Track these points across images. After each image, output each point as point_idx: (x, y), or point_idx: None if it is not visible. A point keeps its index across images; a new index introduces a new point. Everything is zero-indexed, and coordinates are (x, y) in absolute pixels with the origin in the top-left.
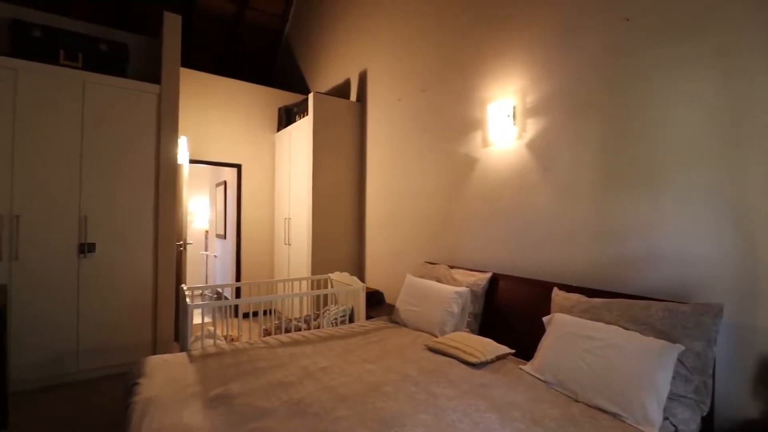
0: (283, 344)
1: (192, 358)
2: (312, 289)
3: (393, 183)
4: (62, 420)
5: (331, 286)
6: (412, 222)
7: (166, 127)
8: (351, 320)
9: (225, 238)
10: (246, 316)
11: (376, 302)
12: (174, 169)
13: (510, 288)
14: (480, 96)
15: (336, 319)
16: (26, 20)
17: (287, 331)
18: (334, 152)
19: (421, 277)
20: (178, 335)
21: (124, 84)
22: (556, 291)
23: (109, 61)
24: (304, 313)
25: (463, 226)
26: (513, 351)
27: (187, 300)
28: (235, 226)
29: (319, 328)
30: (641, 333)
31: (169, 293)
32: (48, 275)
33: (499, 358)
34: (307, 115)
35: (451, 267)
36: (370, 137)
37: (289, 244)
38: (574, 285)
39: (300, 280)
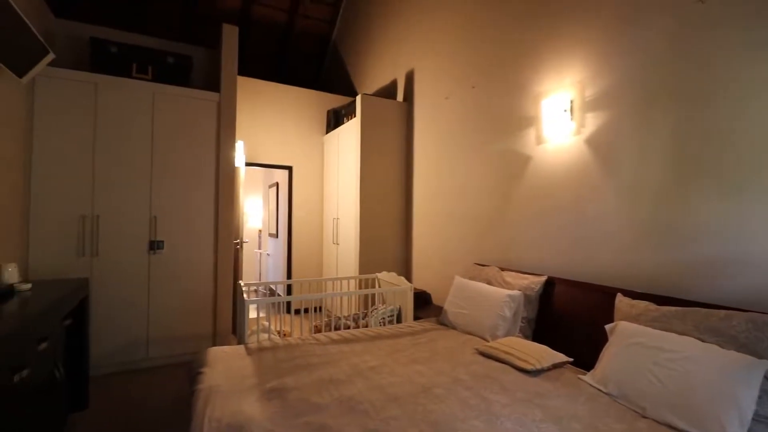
0: (333, 341)
1: (249, 351)
2: (359, 288)
3: (440, 182)
4: (133, 403)
5: (379, 286)
6: (460, 222)
7: (225, 132)
8: (398, 320)
9: (277, 237)
10: (297, 312)
11: (423, 303)
12: (232, 172)
13: (567, 292)
14: (533, 91)
15: (384, 318)
16: (104, 38)
17: (336, 328)
18: (382, 152)
19: (471, 278)
20: (236, 328)
21: (188, 93)
22: (620, 297)
23: (175, 73)
24: (352, 311)
25: (514, 227)
26: (571, 359)
27: (245, 296)
28: (287, 226)
29: (366, 326)
30: (720, 346)
31: (227, 288)
32: (123, 270)
33: (556, 366)
34: (354, 116)
35: (503, 269)
36: (417, 136)
37: (337, 244)
38: (639, 291)
39: (348, 279)
